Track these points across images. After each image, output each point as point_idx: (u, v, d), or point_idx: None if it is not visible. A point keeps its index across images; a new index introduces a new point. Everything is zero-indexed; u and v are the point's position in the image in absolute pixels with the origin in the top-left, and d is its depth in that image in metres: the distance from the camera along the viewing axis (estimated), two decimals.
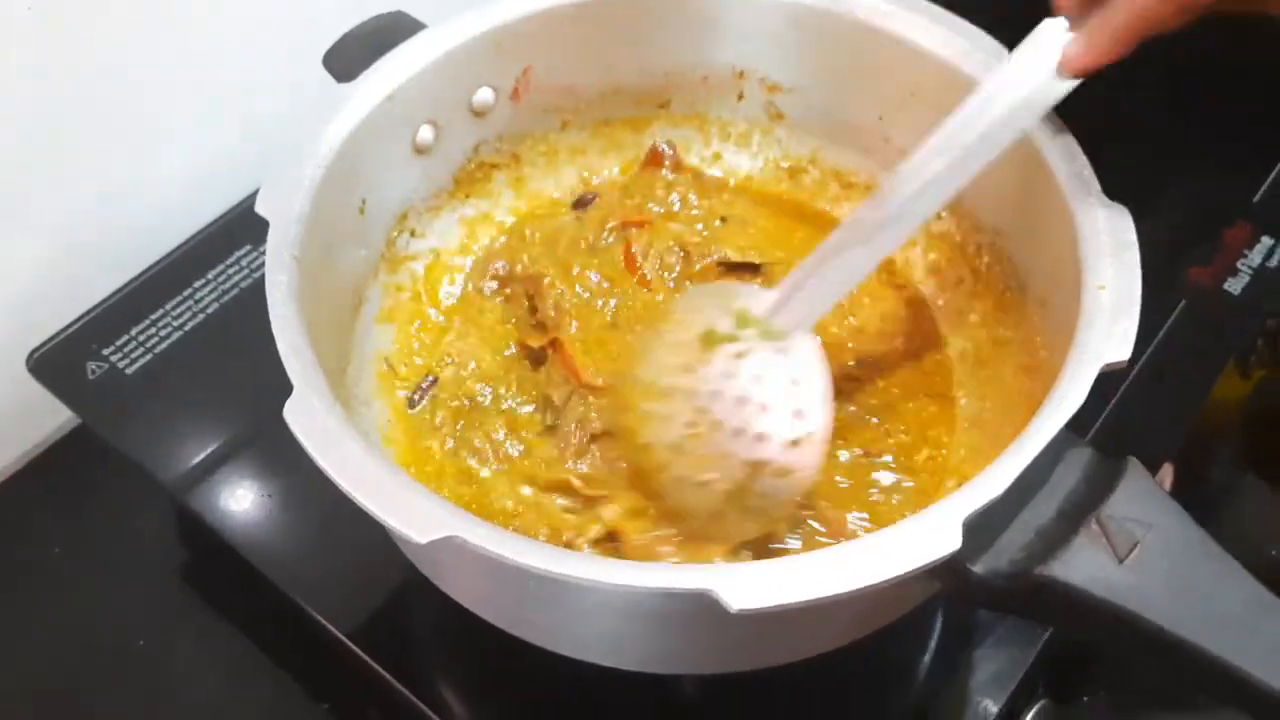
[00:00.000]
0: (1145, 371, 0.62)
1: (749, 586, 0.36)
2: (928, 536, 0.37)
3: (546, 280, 0.55)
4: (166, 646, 0.59)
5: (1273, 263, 0.66)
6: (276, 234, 0.45)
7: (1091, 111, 0.70)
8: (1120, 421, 0.59)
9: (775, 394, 0.45)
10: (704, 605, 0.36)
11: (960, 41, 0.51)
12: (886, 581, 0.36)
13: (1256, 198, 0.69)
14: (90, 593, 0.61)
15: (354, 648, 0.53)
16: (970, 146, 0.45)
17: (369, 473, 0.39)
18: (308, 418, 0.40)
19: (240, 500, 0.58)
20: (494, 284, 0.57)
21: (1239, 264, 0.66)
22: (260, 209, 0.46)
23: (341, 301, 0.52)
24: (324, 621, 0.54)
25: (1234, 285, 0.65)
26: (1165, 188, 0.70)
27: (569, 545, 0.47)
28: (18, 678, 0.58)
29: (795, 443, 0.45)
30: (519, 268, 0.57)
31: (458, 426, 0.52)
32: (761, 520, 0.47)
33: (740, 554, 0.47)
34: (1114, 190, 0.64)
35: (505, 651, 0.47)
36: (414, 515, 0.38)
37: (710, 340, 0.47)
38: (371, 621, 0.54)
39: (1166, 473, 0.61)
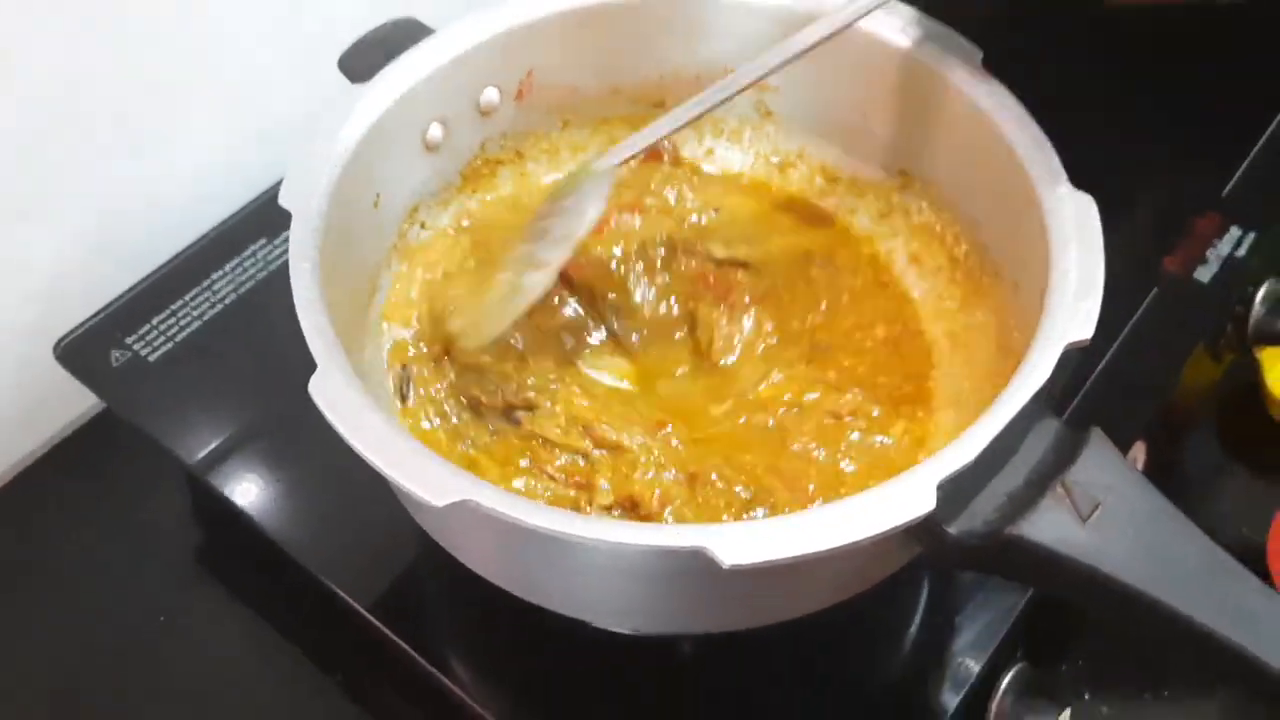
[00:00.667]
0: (1119, 355, 0.65)
1: (740, 544, 0.39)
2: (905, 498, 0.40)
3: None
4: (183, 623, 0.62)
5: (1240, 252, 0.69)
6: (299, 224, 0.48)
7: (1065, 104, 0.74)
8: (1094, 401, 0.62)
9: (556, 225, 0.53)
10: (699, 563, 0.39)
11: (935, 43, 0.55)
12: (867, 538, 0.39)
13: (1226, 189, 0.72)
14: (112, 571, 0.63)
15: (370, 618, 0.56)
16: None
17: (388, 441, 0.42)
18: (331, 392, 0.43)
19: (259, 480, 0.61)
20: None
21: (1208, 253, 0.69)
22: (283, 202, 0.49)
23: (358, 289, 0.55)
24: (342, 593, 0.56)
25: (1203, 273, 0.68)
26: (1139, 180, 0.73)
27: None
28: (46, 650, 0.60)
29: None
30: None
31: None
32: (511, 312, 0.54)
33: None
34: (1086, 181, 0.68)
35: (517, 620, 0.50)
36: (430, 480, 0.41)
37: (556, 192, 0.56)
38: (387, 594, 0.57)
39: (1139, 451, 0.64)
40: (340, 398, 0.43)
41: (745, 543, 0.39)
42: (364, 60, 0.56)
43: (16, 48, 0.61)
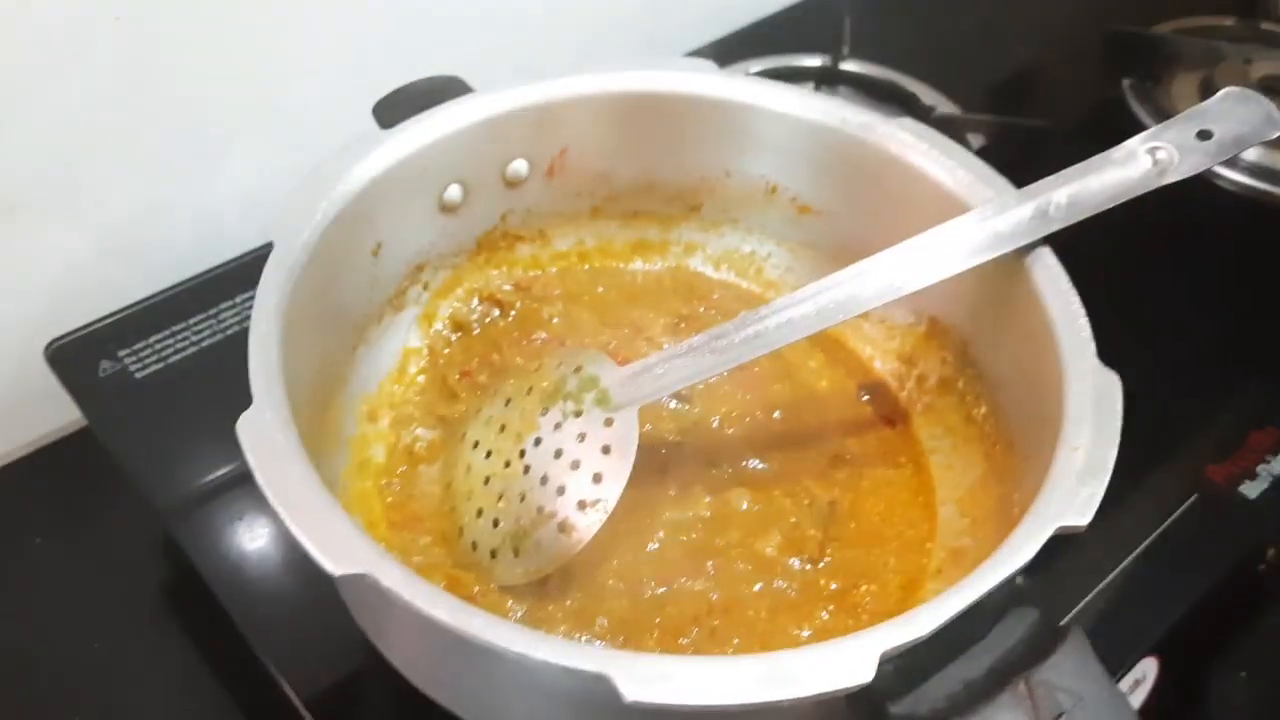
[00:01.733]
0: (1142, 559, 0.60)
1: (647, 678, 0.35)
2: (841, 664, 0.36)
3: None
4: (125, 654, 0.59)
5: None
6: (278, 256, 0.47)
7: (1132, 297, 0.71)
8: (1104, 604, 0.58)
9: (588, 455, 0.49)
10: (602, 689, 0.35)
11: (975, 182, 0.52)
12: (786, 701, 0.35)
13: None
14: (70, 589, 0.61)
15: (306, 714, 0.52)
16: (838, 305, 0.50)
17: (302, 495, 0.39)
18: (258, 431, 0.40)
19: (223, 536, 0.58)
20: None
21: (1259, 468, 0.64)
22: (269, 233, 0.48)
23: (340, 337, 0.53)
24: (282, 681, 0.53)
25: (1250, 489, 0.63)
26: (1198, 379, 0.69)
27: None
28: None
29: (585, 504, 0.48)
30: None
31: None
32: (529, 568, 0.49)
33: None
34: (1149, 375, 0.64)
35: None
36: (333, 546, 0.37)
37: (556, 393, 0.51)
38: (328, 691, 0.53)
39: (1150, 668, 0.59)
40: (267, 440, 0.40)
41: (652, 679, 0.35)
42: (397, 110, 0.55)
43: (80, 53, 0.62)
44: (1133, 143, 0.48)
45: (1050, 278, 0.48)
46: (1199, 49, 0.87)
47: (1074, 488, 0.41)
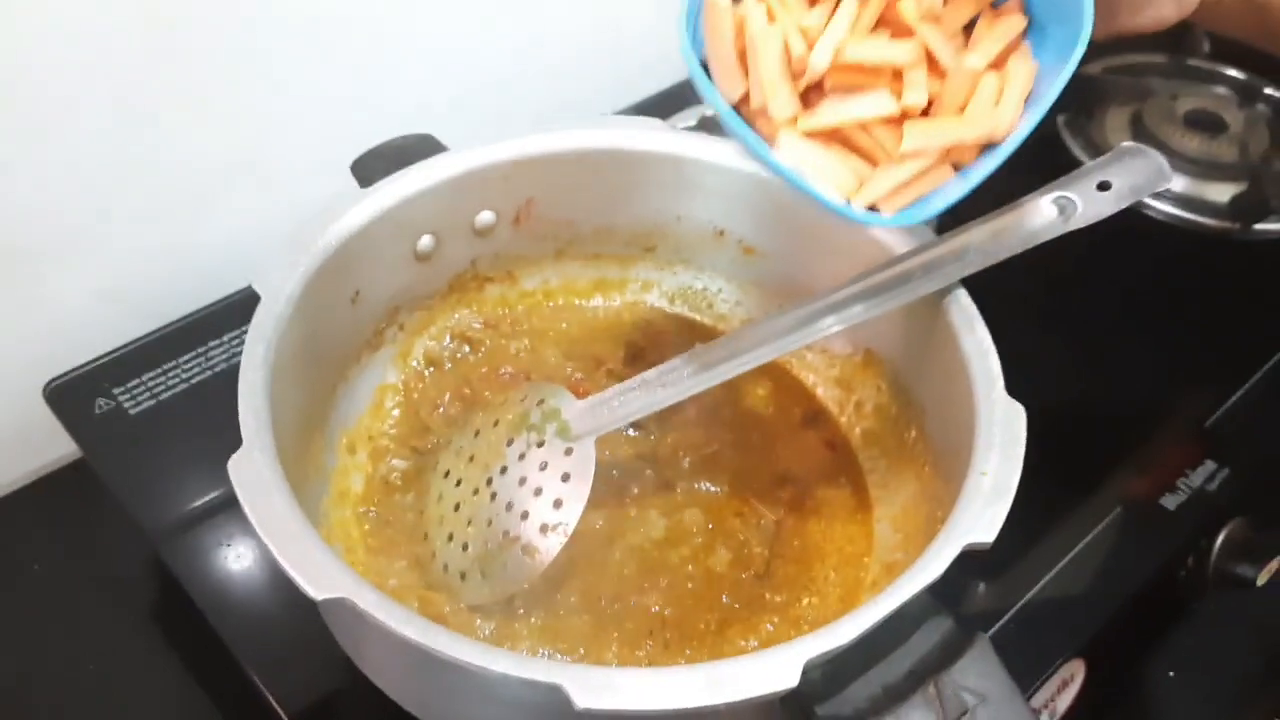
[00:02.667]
0: (1071, 567, 0.64)
1: (596, 688, 0.40)
2: (770, 671, 0.41)
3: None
4: (119, 674, 0.62)
5: (1212, 486, 0.68)
6: (264, 308, 0.51)
7: (1064, 323, 0.75)
8: (1033, 612, 0.62)
9: (549, 482, 0.53)
10: (553, 698, 0.40)
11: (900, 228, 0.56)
12: (721, 705, 0.40)
13: (1209, 421, 0.72)
14: (59, 614, 0.64)
15: None
16: (789, 339, 0.54)
17: (287, 527, 0.43)
18: (248, 471, 0.45)
19: (213, 560, 0.62)
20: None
21: (1179, 481, 0.69)
22: (255, 284, 0.52)
23: (321, 377, 0.58)
24: (268, 695, 0.56)
25: (1170, 501, 0.68)
26: (1120, 397, 0.73)
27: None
28: None
29: (547, 528, 0.52)
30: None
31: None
32: (495, 589, 0.53)
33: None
34: (1078, 394, 0.68)
35: None
36: (312, 572, 0.42)
37: (520, 424, 0.55)
38: (311, 707, 0.57)
39: (1078, 669, 0.63)
40: (255, 478, 0.45)
41: (601, 688, 0.40)
42: (373, 167, 0.60)
43: (78, 112, 0.66)
44: (1038, 194, 0.53)
45: (965, 317, 0.53)
46: (1128, 86, 0.92)
47: (981, 509, 0.45)
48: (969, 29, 0.49)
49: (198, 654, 0.61)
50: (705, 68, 0.48)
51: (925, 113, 0.48)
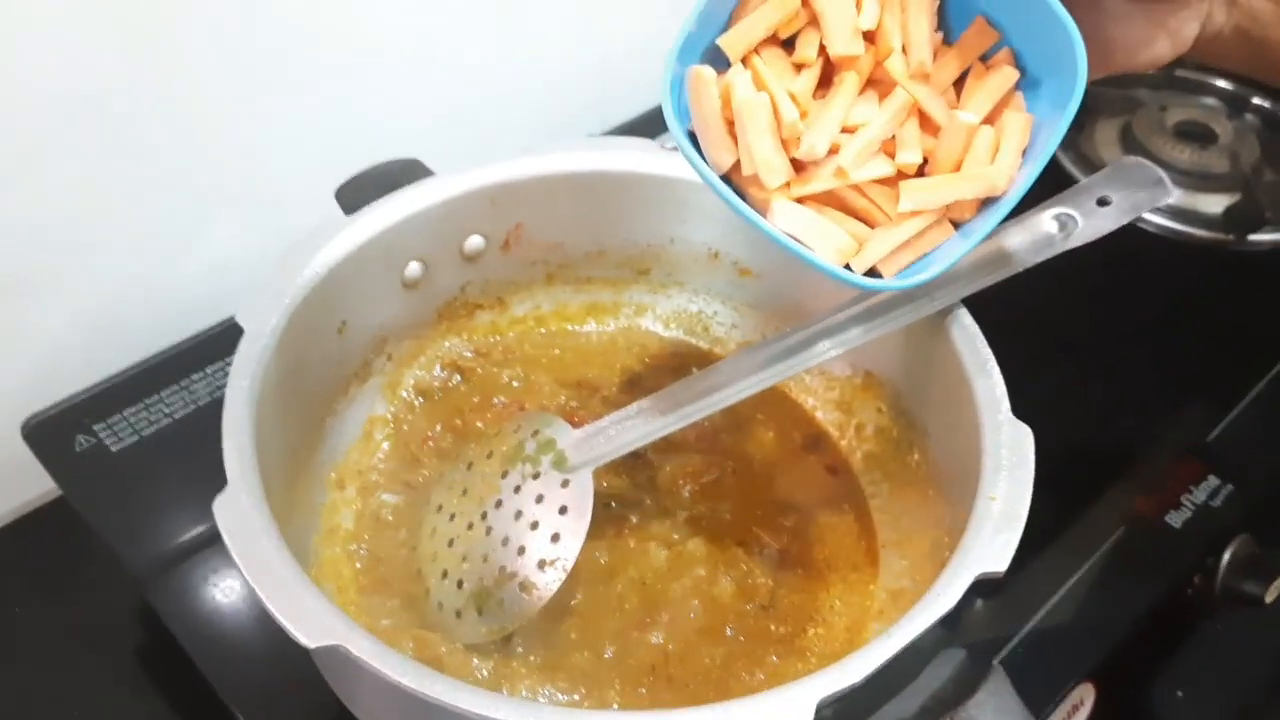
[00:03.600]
0: (1077, 589, 0.63)
1: None
2: (782, 712, 0.39)
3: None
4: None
5: (1216, 502, 0.68)
6: (248, 343, 0.50)
7: (1062, 340, 0.74)
8: (1044, 632, 0.61)
9: (546, 516, 0.52)
10: None
11: None
12: None
13: (1211, 437, 0.71)
14: (41, 658, 0.63)
15: None
16: (787, 364, 0.53)
17: (277, 572, 0.42)
18: (234, 513, 0.43)
19: (199, 600, 0.60)
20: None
21: (1183, 499, 0.68)
22: (240, 318, 0.51)
23: (308, 411, 0.56)
24: None
25: (1175, 519, 0.67)
26: (1123, 416, 0.72)
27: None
28: None
29: (545, 563, 0.51)
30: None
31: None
32: (492, 627, 0.51)
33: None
34: (1078, 413, 0.67)
35: None
36: (306, 620, 0.40)
37: (515, 456, 0.53)
38: None
39: (1088, 694, 0.62)
40: (242, 521, 0.43)
41: None
42: (359, 193, 0.58)
43: (57, 141, 0.65)
44: (1039, 210, 0.52)
45: (966, 337, 0.52)
46: (1117, 98, 0.92)
47: (991, 536, 0.44)
48: (960, 84, 0.48)
49: (184, 696, 0.60)
50: (692, 137, 0.47)
51: (921, 171, 0.47)
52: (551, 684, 0.51)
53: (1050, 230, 0.52)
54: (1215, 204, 0.85)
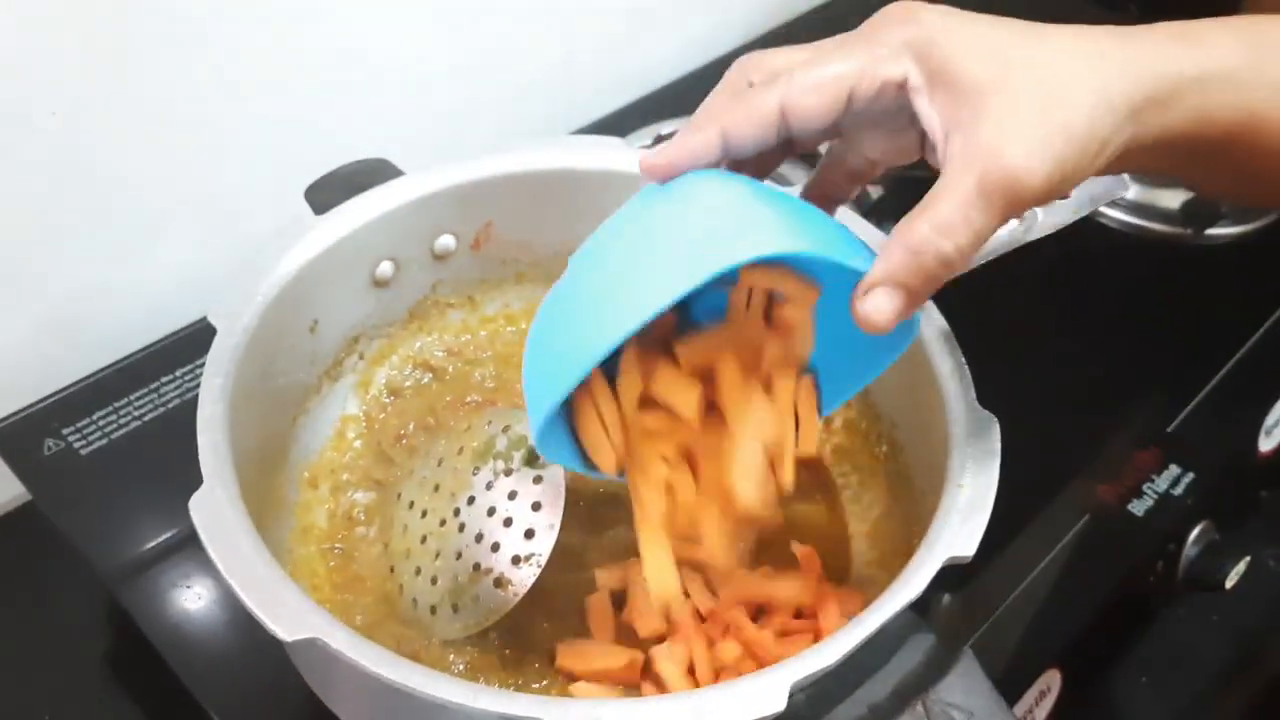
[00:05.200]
0: (1042, 577, 0.64)
1: None
2: (755, 696, 0.40)
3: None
4: None
5: (1177, 490, 0.69)
6: (221, 341, 0.50)
7: (1026, 333, 0.75)
8: (1010, 620, 0.62)
9: (519, 512, 0.52)
10: None
11: None
12: None
13: (1171, 426, 0.73)
14: (12, 661, 0.62)
15: None
16: None
17: (252, 568, 0.42)
18: (210, 510, 0.43)
19: (171, 603, 0.60)
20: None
21: (1145, 487, 0.69)
22: (212, 317, 0.51)
23: (281, 409, 0.56)
24: None
25: (1138, 507, 0.68)
26: (1084, 405, 0.73)
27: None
28: None
29: (519, 559, 0.51)
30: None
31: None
32: (468, 623, 0.51)
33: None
34: (1041, 404, 0.68)
35: None
36: (283, 614, 0.40)
37: (486, 452, 0.53)
38: None
39: (1054, 680, 0.63)
40: (218, 518, 0.43)
41: None
42: (328, 193, 0.59)
43: (20, 142, 0.65)
44: None
45: (932, 326, 0.53)
46: None
47: (960, 523, 0.45)
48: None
49: (157, 699, 0.60)
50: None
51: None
52: (528, 677, 0.51)
53: (1011, 224, 0.53)
54: (1173, 199, 0.86)
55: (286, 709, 0.55)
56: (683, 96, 0.94)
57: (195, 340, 0.72)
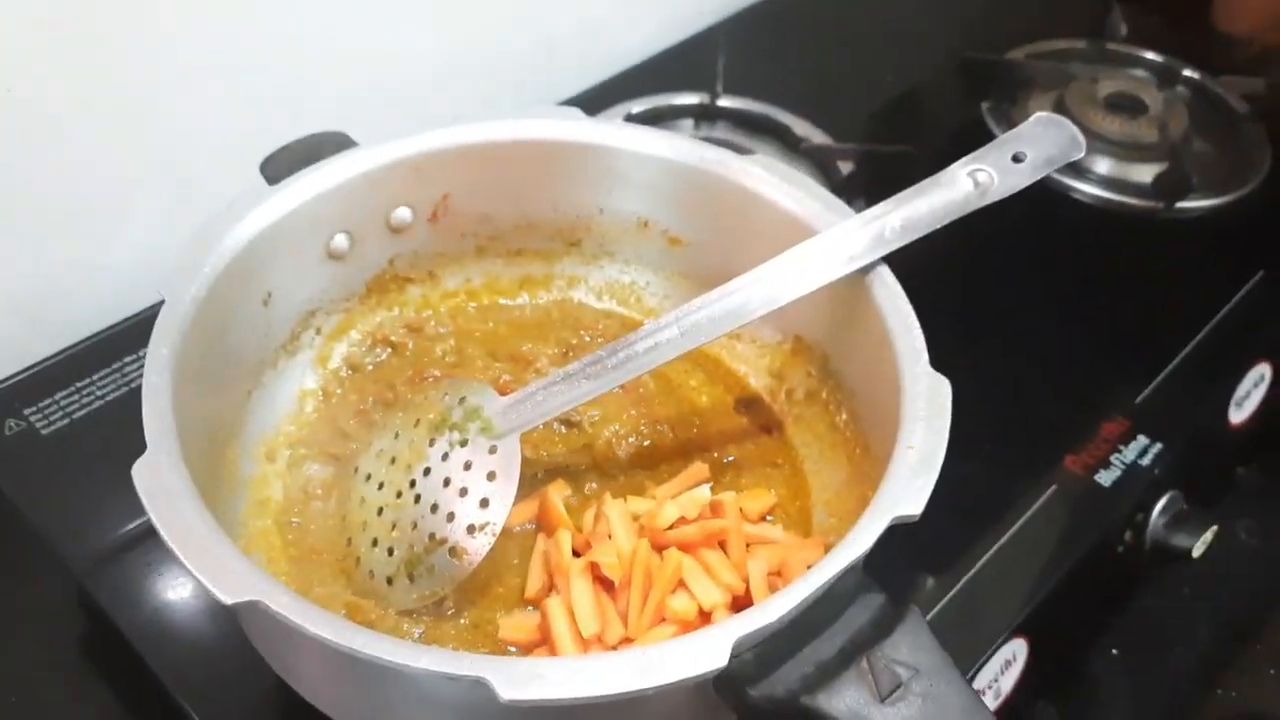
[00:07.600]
0: (1009, 546, 0.64)
1: (521, 679, 0.38)
2: (698, 653, 0.39)
3: None
4: (44, 709, 0.60)
5: (1145, 460, 0.69)
6: (168, 310, 0.49)
7: (997, 305, 0.75)
8: (976, 588, 0.62)
9: (474, 482, 0.52)
10: (480, 693, 0.38)
11: (822, 210, 0.56)
12: (649, 689, 0.38)
13: (1139, 397, 0.72)
14: None
15: None
16: (699, 327, 0.53)
17: (195, 533, 0.42)
18: (153, 476, 0.43)
19: (140, 588, 0.59)
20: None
21: (1113, 457, 0.69)
22: (161, 288, 0.50)
23: (234, 382, 0.56)
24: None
25: (1105, 477, 0.68)
26: (1052, 375, 0.73)
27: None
28: None
29: (474, 528, 0.51)
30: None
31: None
32: (424, 592, 0.51)
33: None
34: (1010, 375, 0.68)
35: None
36: (224, 577, 0.40)
37: (441, 424, 0.54)
38: None
39: (1020, 648, 0.63)
40: (161, 484, 0.43)
41: (526, 679, 0.38)
42: (283, 165, 0.58)
43: None
44: (955, 167, 0.53)
45: (889, 294, 0.52)
46: (1050, 71, 0.93)
47: (908, 481, 0.45)
48: None
49: (127, 686, 0.59)
50: None
51: None
52: (483, 646, 0.51)
53: (966, 186, 0.53)
54: (1145, 173, 0.87)
55: (258, 697, 0.55)
56: (655, 75, 0.94)
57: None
